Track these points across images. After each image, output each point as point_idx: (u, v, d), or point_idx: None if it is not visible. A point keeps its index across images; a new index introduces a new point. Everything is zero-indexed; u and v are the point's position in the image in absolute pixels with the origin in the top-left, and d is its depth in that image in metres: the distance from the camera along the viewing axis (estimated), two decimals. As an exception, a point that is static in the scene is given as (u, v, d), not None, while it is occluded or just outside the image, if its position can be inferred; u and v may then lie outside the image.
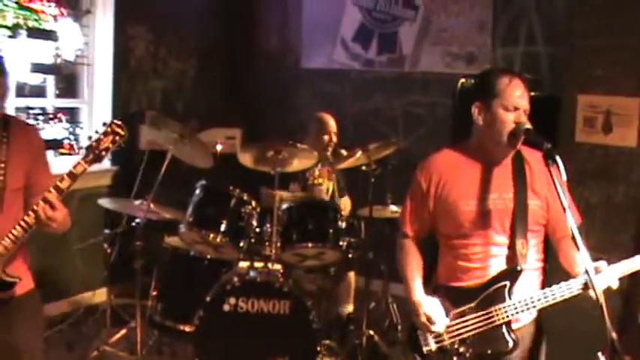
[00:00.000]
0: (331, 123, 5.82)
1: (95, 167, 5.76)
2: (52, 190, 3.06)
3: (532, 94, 3.11)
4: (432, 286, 3.23)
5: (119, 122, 3.22)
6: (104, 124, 3.23)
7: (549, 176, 3.03)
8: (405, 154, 5.81)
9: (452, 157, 3.24)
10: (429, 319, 3.05)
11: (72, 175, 3.11)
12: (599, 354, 2.59)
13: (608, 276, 2.93)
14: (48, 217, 3.03)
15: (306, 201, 5.39)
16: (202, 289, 4.82)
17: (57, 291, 6.05)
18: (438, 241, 3.34)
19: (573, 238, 2.67)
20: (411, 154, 5.91)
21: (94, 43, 6.38)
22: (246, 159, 5.06)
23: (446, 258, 3.27)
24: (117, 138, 3.19)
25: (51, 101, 6.18)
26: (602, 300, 2.61)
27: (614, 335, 2.53)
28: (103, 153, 3.18)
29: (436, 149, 3.34)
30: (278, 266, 4.86)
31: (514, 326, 3.08)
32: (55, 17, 5.99)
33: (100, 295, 6.15)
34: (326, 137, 5.76)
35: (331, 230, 4.93)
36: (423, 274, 3.27)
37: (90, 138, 3.19)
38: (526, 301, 3.04)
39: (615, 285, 2.94)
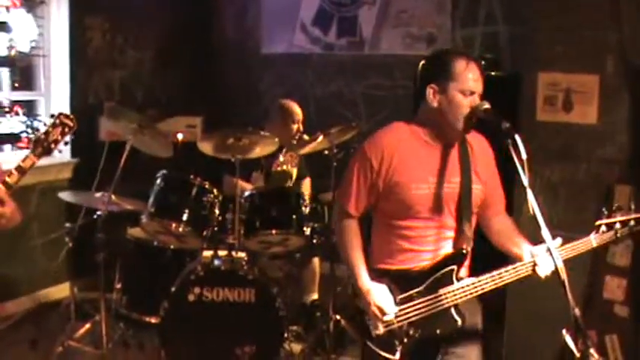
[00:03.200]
0: (298, 111, 5.77)
1: (55, 160, 5.83)
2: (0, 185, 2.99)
3: (492, 73, 3.11)
4: (372, 269, 3.16)
5: (67, 114, 3.17)
6: (52, 115, 3.18)
7: (488, 158, 3.18)
8: (366, 137, 5.78)
9: (402, 136, 3.14)
10: (380, 310, 3.02)
11: (20, 170, 3.04)
12: (564, 331, 2.59)
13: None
14: None
15: (268, 188, 5.37)
16: (167, 279, 4.81)
17: (19, 287, 5.97)
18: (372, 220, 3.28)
19: (534, 217, 2.66)
20: (373, 138, 5.89)
21: (49, 34, 6.26)
22: (206, 147, 5.01)
23: (386, 237, 3.18)
24: (66, 129, 3.15)
25: (6, 94, 6.07)
26: (564, 277, 2.60)
27: (577, 312, 2.52)
28: (52, 145, 3.12)
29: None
30: (242, 254, 4.86)
31: None
32: (7, 8, 5.87)
33: (64, 290, 6.07)
34: (294, 126, 5.72)
35: (295, 216, 4.91)
36: None
37: (38, 131, 3.14)
38: (474, 284, 3.04)
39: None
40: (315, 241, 5.12)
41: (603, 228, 3.17)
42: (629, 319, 4.32)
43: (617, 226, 3.19)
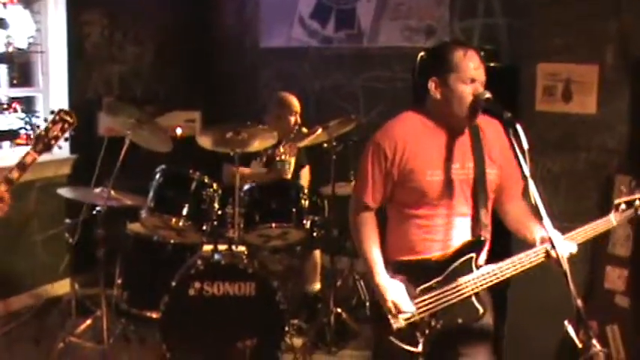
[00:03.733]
0: (295, 103, 5.77)
1: (54, 156, 5.82)
2: (1, 183, 2.99)
3: (492, 64, 3.09)
4: (389, 262, 3.15)
5: (67, 110, 3.17)
6: (52, 112, 3.18)
7: (503, 142, 3.07)
8: (366, 129, 5.78)
9: (413, 124, 3.14)
10: (396, 307, 3.00)
11: (22, 166, 3.06)
12: (566, 322, 2.58)
13: (568, 242, 2.95)
14: None
15: (267, 181, 5.36)
16: (167, 274, 4.80)
17: (19, 284, 5.97)
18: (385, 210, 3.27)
19: (536, 207, 2.65)
20: (373, 130, 5.90)
21: (46, 29, 6.25)
22: (205, 141, 5.01)
23: (402, 228, 3.18)
24: (65, 126, 3.15)
25: (4, 91, 6.06)
26: (566, 267, 2.60)
27: (579, 303, 2.52)
28: (53, 142, 3.13)
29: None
30: (242, 248, 4.86)
31: None
32: (4, 4, 5.86)
33: (64, 286, 6.07)
34: (292, 119, 5.72)
35: (294, 209, 4.90)
36: None
37: (38, 127, 3.15)
38: (494, 271, 3.02)
39: (575, 250, 2.95)
40: (315, 234, 5.12)
41: (623, 206, 3.15)
42: (629, 309, 4.31)
43: (637, 203, 3.16)
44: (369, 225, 3.20)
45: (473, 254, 3.06)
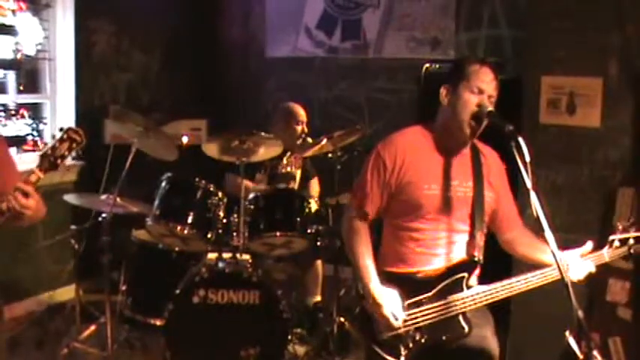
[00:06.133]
0: (302, 113, 5.80)
1: (60, 163, 5.81)
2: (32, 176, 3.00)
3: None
4: (380, 272, 3.14)
5: (76, 129, 3.15)
6: (60, 129, 3.16)
7: (502, 172, 3.22)
8: (370, 140, 5.81)
9: (415, 138, 3.20)
10: (394, 315, 3.00)
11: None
12: (567, 333, 2.60)
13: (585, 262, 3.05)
14: (22, 206, 2.96)
15: (272, 190, 5.38)
16: (172, 281, 4.81)
17: (24, 289, 5.98)
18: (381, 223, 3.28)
19: (537, 219, 2.67)
20: (377, 141, 5.93)
21: (54, 37, 6.28)
22: (211, 150, 5.03)
23: (397, 240, 3.20)
24: (74, 145, 3.12)
25: (12, 97, 6.08)
26: (567, 280, 2.61)
27: (580, 314, 2.53)
28: (59, 161, 3.09)
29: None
30: (246, 256, 4.88)
31: None
32: (13, 12, 5.89)
33: (69, 292, 6.09)
34: (298, 128, 5.74)
35: (299, 219, 4.91)
36: None
37: (45, 145, 3.13)
38: (485, 292, 3.05)
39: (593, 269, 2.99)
40: (318, 243, 5.13)
41: (617, 243, 3.17)
42: (632, 321, 4.32)
43: (631, 242, 3.18)
44: (362, 234, 3.21)
45: (465, 274, 3.08)
